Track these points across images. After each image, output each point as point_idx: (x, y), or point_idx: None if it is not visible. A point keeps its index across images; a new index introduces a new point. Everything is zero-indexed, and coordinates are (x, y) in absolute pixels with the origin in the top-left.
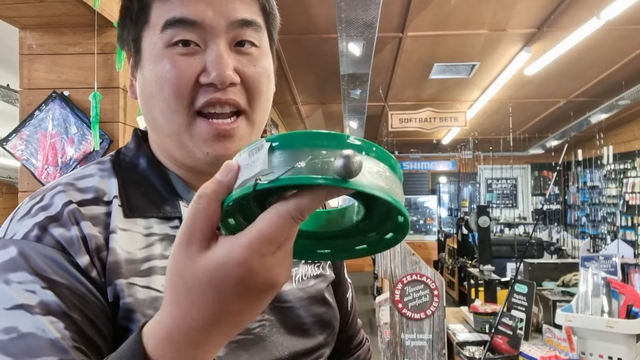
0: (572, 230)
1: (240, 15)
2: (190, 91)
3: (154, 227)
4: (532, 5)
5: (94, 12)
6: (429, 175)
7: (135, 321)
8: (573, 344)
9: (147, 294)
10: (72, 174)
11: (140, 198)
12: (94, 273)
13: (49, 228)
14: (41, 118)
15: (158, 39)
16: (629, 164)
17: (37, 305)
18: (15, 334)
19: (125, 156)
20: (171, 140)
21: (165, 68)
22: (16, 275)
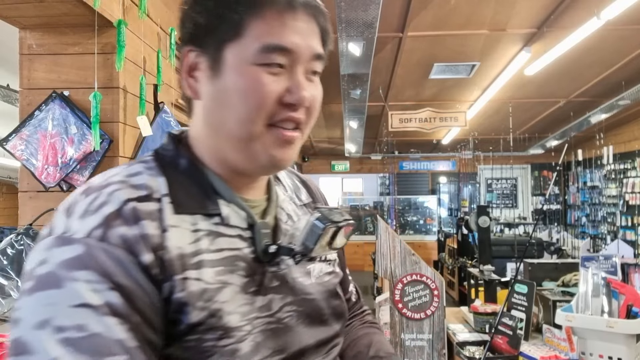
0: (572, 230)
1: (318, 50)
2: (272, 106)
3: (199, 224)
4: (532, 5)
5: (94, 12)
6: (429, 175)
7: (185, 313)
8: (573, 344)
9: (198, 286)
10: (119, 171)
11: (186, 196)
12: (154, 271)
13: (113, 226)
14: (41, 118)
15: (251, 55)
16: (629, 164)
17: (103, 306)
18: (86, 333)
19: (165, 156)
20: (234, 144)
21: (254, 82)
22: (83, 274)
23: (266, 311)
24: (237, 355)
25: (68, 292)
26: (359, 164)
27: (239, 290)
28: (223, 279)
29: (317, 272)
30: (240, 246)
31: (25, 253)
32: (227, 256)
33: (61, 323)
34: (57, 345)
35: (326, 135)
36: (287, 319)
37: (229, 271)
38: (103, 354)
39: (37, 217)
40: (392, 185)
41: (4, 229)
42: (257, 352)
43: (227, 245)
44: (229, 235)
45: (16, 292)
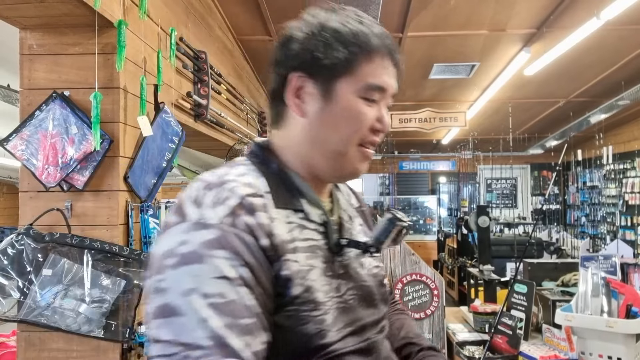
0: (572, 230)
1: (396, 89)
2: (366, 131)
3: (290, 217)
4: (531, 5)
5: (94, 12)
6: (429, 175)
7: (289, 287)
8: (573, 344)
9: (296, 266)
10: (228, 171)
11: (280, 194)
12: (269, 252)
13: (239, 215)
14: (42, 118)
15: (357, 90)
16: (629, 164)
17: (238, 278)
18: (225, 299)
19: (259, 160)
20: (329, 156)
21: (360, 112)
22: (221, 252)
23: (336, 292)
24: (324, 324)
25: (210, 267)
26: None
27: (321, 273)
28: (311, 262)
29: (368, 264)
30: (318, 238)
31: (25, 253)
32: (311, 245)
33: (206, 291)
34: (205, 308)
35: None
36: (351, 300)
37: (313, 257)
38: (239, 317)
39: (38, 217)
40: (392, 185)
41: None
42: (335, 324)
43: (310, 236)
44: (311, 228)
45: (17, 291)
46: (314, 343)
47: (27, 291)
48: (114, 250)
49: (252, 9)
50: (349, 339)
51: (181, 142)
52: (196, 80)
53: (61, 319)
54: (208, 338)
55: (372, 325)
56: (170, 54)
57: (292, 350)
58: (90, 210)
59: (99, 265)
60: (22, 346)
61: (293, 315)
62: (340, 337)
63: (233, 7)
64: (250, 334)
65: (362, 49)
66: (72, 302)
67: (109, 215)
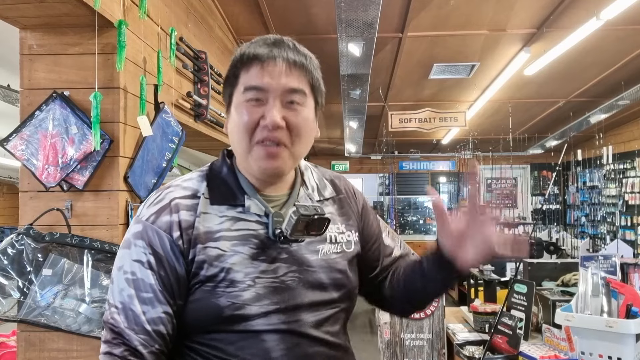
0: (572, 230)
1: (290, 85)
2: (254, 128)
3: (225, 212)
4: (531, 5)
5: (94, 12)
6: (429, 175)
7: (203, 269)
8: (573, 344)
9: (216, 251)
10: (183, 177)
11: (218, 194)
12: (180, 242)
13: (160, 215)
14: (42, 118)
15: (241, 95)
16: (629, 164)
17: (145, 262)
18: (135, 277)
19: (215, 167)
20: (242, 158)
21: (242, 112)
22: (138, 242)
23: (271, 274)
24: (239, 299)
25: (131, 252)
26: (359, 164)
27: (246, 257)
28: (236, 249)
29: (324, 251)
30: (257, 228)
31: (25, 253)
32: (243, 234)
33: (126, 269)
34: (123, 280)
35: (326, 135)
36: (289, 281)
37: (242, 244)
38: (141, 290)
39: (38, 217)
40: (391, 185)
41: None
42: (258, 300)
43: (244, 226)
44: (248, 220)
45: (17, 291)
46: (225, 312)
47: (27, 291)
48: (114, 250)
49: (252, 9)
50: (274, 316)
51: (181, 142)
52: (196, 80)
53: (61, 319)
54: (120, 302)
55: (310, 306)
56: (170, 54)
57: (208, 317)
58: (90, 210)
59: (99, 265)
60: (22, 346)
61: (209, 290)
62: (262, 312)
63: (233, 7)
64: (149, 304)
65: (241, 64)
66: (72, 302)
67: (109, 215)
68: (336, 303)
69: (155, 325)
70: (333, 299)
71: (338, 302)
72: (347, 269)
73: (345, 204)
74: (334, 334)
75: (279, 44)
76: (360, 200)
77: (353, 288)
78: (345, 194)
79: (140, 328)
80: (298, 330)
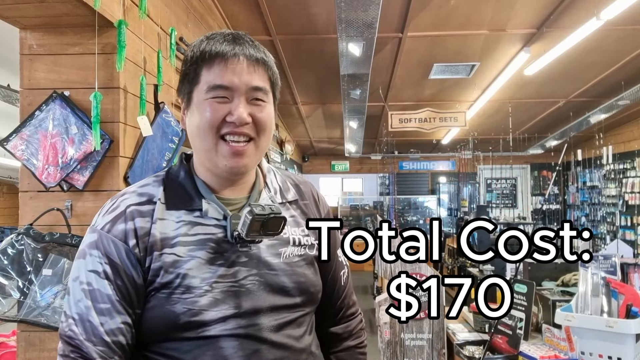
0: None
1: (254, 84)
2: (219, 124)
3: (182, 217)
4: (531, 5)
5: (94, 12)
6: (429, 175)
7: (160, 276)
8: (573, 344)
9: (172, 257)
10: (139, 183)
11: (175, 198)
12: (136, 250)
13: (115, 223)
14: (42, 118)
15: (204, 93)
16: (629, 164)
17: (102, 272)
18: (92, 287)
19: (172, 171)
20: (205, 156)
21: (207, 110)
22: (94, 252)
23: (230, 278)
24: (196, 305)
25: (87, 262)
26: (359, 164)
27: (203, 262)
28: (192, 254)
29: (287, 254)
30: (215, 232)
31: (25, 253)
32: (200, 239)
33: (82, 279)
34: (79, 291)
35: (326, 135)
36: (249, 285)
37: (198, 249)
38: (98, 301)
39: (38, 217)
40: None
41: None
42: (216, 305)
43: (202, 231)
44: (206, 224)
45: (17, 292)
46: (181, 319)
47: (27, 291)
48: None
49: (252, 9)
50: (231, 321)
51: (181, 142)
52: None
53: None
54: (77, 313)
55: (271, 310)
56: (170, 54)
57: (164, 325)
58: (90, 210)
59: None
60: (22, 346)
61: (165, 297)
62: (219, 317)
63: (233, 7)
64: (107, 314)
65: (202, 61)
66: None
67: None
68: (300, 307)
69: (115, 336)
70: (296, 303)
71: (302, 306)
72: (310, 272)
73: (308, 209)
74: (296, 338)
75: (238, 40)
76: (323, 208)
77: (317, 292)
78: (308, 200)
79: (98, 340)
80: (257, 335)
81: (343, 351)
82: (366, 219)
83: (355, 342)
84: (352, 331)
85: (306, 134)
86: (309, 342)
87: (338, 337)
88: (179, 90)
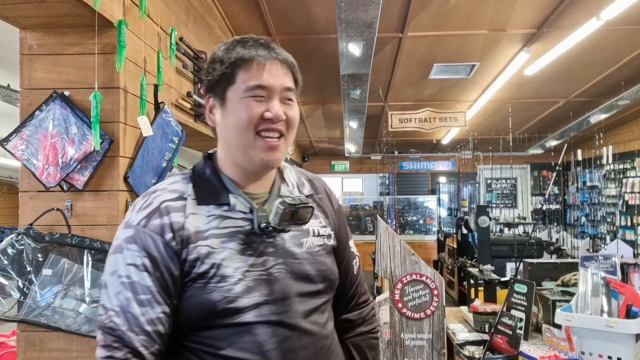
0: (572, 230)
1: (287, 84)
2: (257, 121)
3: (212, 211)
4: (531, 5)
5: (94, 12)
6: (429, 175)
7: (196, 266)
8: (573, 344)
9: (206, 249)
10: (167, 181)
11: (204, 194)
12: (173, 243)
13: (151, 219)
14: (42, 118)
15: (241, 92)
16: (629, 164)
17: (141, 265)
18: (131, 280)
19: (198, 169)
20: (240, 151)
21: (245, 108)
22: (132, 246)
23: (260, 267)
24: (231, 293)
25: (124, 256)
26: (359, 164)
27: (235, 252)
28: (225, 245)
29: (309, 244)
30: (243, 224)
31: (25, 253)
32: (230, 231)
33: (120, 273)
34: (119, 284)
35: (326, 135)
36: (277, 273)
37: (230, 240)
38: (138, 293)
39: (38, 217)
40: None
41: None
42: (249, 292)
43: (231, 224)
44: (234, 217)
45: (17, 291)
46: (219, 306)
47: (27, 291)
48: None
49: (252, 9)
50: (264, 307)
51: (181, 142)
52: (196, 80)
53: (61, 319)
54: (117, 305)
55: (298, 296)
56: (170, 54)
57: (201, 312)
58: (90, 210)
59: (99, 265)
60: (22, 346)
61: (201, 286)
62: (252, 304)
63: (233, 7)
64: (147, 305)
65: (240, 64)
66: (72, 302)
67: (109, 215)
68: (322, 294)
69: (155, 326)
70: (320, 290)
71: (323, 292)
72: (329, 260)
73: (323, 203)
74: (321, 324)
75: (269, 44)
76: (335, 202)
77: (336, 279)
78: (322, 194)
79: (140, 329)
80: (288, 322)
81: (357, 336)
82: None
83: (368, 327)
84: (365, 317)
85: (306, 133)
86: (331, 328)
87: (352, 324)
88: (210, 90)
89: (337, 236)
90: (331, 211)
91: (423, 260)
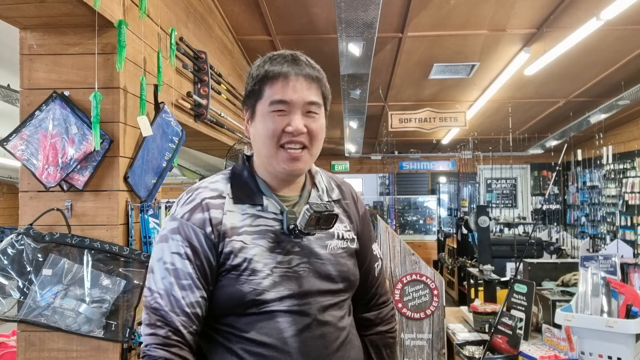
0: (572, 230)
1: (309, 99)
2: (280, 134)
3: (247, 210)
4: (531, 5)
5: (94, 12)
6: (429, 175)
7: (230, 259)
8: (572, 344)
9: (239, 244)
10: (209, 179)
11: (240, 194)
12: (212, 236)
13: (194, 213)
14: (42, 118)
15: (267, 106)
16: (629, 164)
17: (183, 254)
18: (175, 266)
19: (236, 170)
20: (266, 160)
21: (269, 121)
22: (176, 236)
23: (286, 265)
24: (260, 286)
25: (170, 245)
26: (359, 164)
27: (265, 250)
28: (256, 242)
29: (332, 246)
30: (273, 224)
31: (25, 253)
32: (262, 229)
33: (165, 259)
34: (164, 270)
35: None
36: (301, 271)
37: (261, 238)
38: (180, 278)
39: (38, 217)
40: (392, 185)
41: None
42: (275, 287)
43: (263, 223)
44: (266, 217)
45: (17, 292)
46: (248, 297)
47: (27, 291)
48: (114, 250)
49: (252, 9)
50: (287, 300)
51: (181, 142)
52: (196, 80)
53: (61, 319)
54: (162, 288)
55: (319, 293)
56: (170, 54)
57: (232, 301)
58: (90, 210)
59: (99, 265)
60: (22, 346)
61: (234, 277)
62: (278, 297)
63: (233, 7)
64: (188, 289)
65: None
66: (72, 302)
67: (109, 215)
68: (342, 292)
69: (194, 308)
70: (339, 289)
71: (343, 291)
72: (351, 262)
73: (349, 207)
74: (338, 318)
75: (297, 60)
76: (361, 207)
77: (356, 280)
78: (349, 200)
79: (181, 311)
80: (308, 312)
81: (375, 335)
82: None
83: (386, 327)
84: (383, 317)
85: None
86: (348, 322)
87: (371, 323)
88: (244, 103)
89: (360, 240)
90: (356, 216)
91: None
